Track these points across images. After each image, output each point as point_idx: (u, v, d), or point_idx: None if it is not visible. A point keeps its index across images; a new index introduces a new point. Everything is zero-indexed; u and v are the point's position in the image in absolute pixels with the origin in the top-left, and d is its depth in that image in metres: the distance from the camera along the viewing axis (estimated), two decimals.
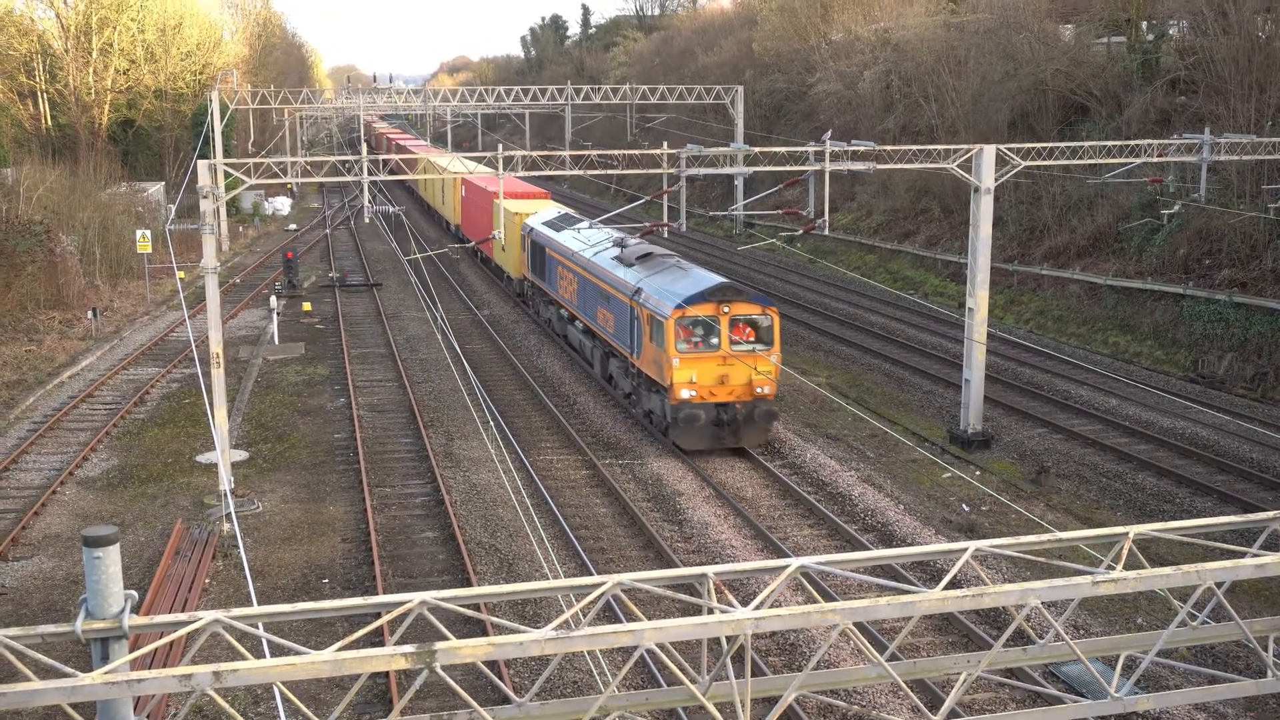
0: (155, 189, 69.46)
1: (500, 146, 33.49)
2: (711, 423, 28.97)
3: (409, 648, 6.24)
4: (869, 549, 23.83)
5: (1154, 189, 40.07)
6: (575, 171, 30.81)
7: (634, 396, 32.56)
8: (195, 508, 26.32)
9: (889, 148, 30.34)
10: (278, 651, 6.48)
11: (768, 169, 30.14)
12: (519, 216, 47.87)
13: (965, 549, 7.58)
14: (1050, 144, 32.06)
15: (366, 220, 31.36)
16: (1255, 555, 7.80)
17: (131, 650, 6.35)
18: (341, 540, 24.59)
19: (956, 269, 49.87)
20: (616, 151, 30.64)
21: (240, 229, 75.22)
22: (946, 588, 7.29)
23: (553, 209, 48.06)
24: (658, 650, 6.81)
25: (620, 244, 35.67)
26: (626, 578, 6.92)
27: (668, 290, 29.53)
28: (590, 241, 37.69)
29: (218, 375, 25.98)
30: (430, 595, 6.61)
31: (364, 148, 30.60)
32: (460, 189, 64.79)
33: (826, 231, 32.09)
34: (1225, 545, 8.16)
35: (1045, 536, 8.01)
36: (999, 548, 7.80)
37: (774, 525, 25.20)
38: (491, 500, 26.68)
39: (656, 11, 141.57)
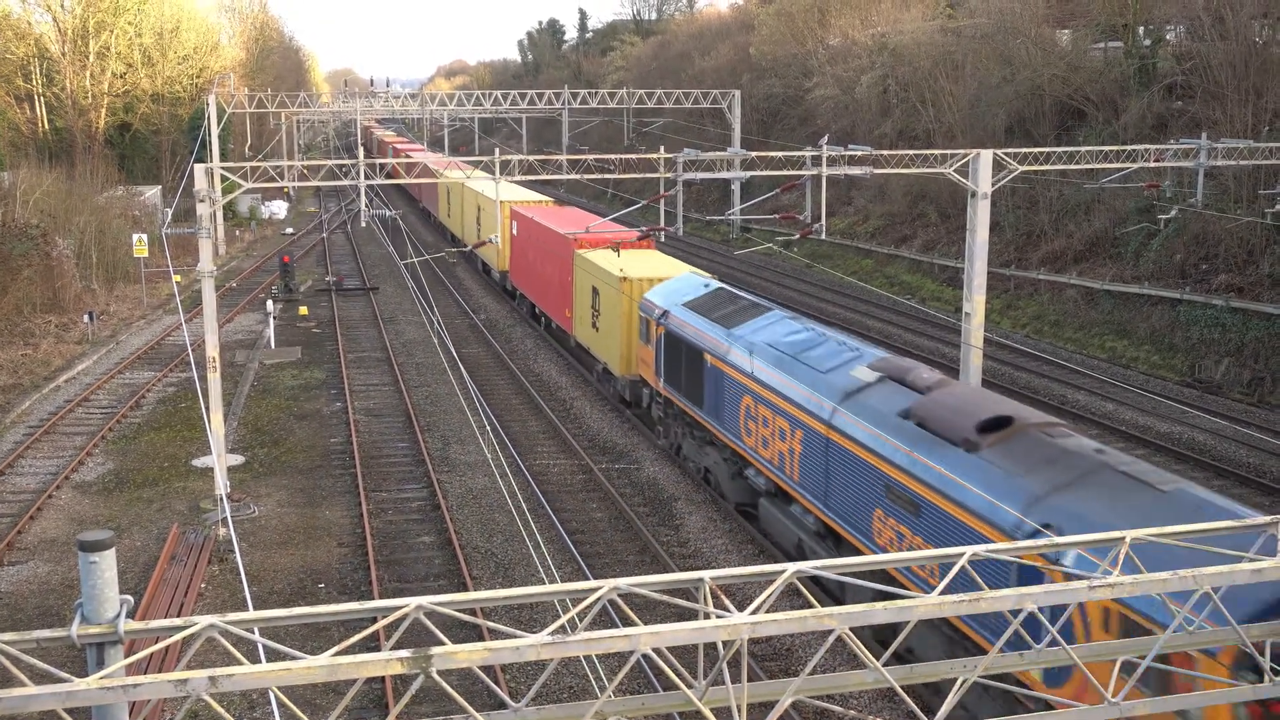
0: (152, 193, 69.47)
1: (497, 151, 33.26)
2: None
3: (405, 652, 6.22)
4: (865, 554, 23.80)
5: (1151, 194, 40.10)
6: (572, 176, 30.82)
7: None
8: (191, 512, 26.28)
9: (886, 152, 30.36)
10: (273, 656, 6.47)
11: (765, 173, 30.16)
12: (630, 284, 31.88)
13: (962, 553, 7.57)
14: (1047, 149, 32.08)
15: (363, 224, 31.32)
16: (1252, 560, 7.80)
17: (127, 655, 6.33)
18: (337, 545, 24.56)
19: (953, 274, 49.92)
20: (613, 156, 30.59)
21: (237, 233, 75.21)
22: (943, 592, 7.27)
23: (686, 274, 31.52)
24: (654, 655, 6.80)
25: (898, 378, 19.76)
26: (623, 582, 6.91)
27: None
28: (817, 363, 21.31)
29: (214, 379, 25.95)
30: (426, 600, 6.60)
31: (360, 152, 30.57)
32: (511, 225, 49.09)
33: (823, 236, 32.09)
34: (1222, 550, 8.16)
35: (1042, 541, 8.00)
36: (996, 553, 7.79)
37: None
38: (488, 505, 26.65)
39: (653, 16, 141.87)
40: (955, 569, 7.51)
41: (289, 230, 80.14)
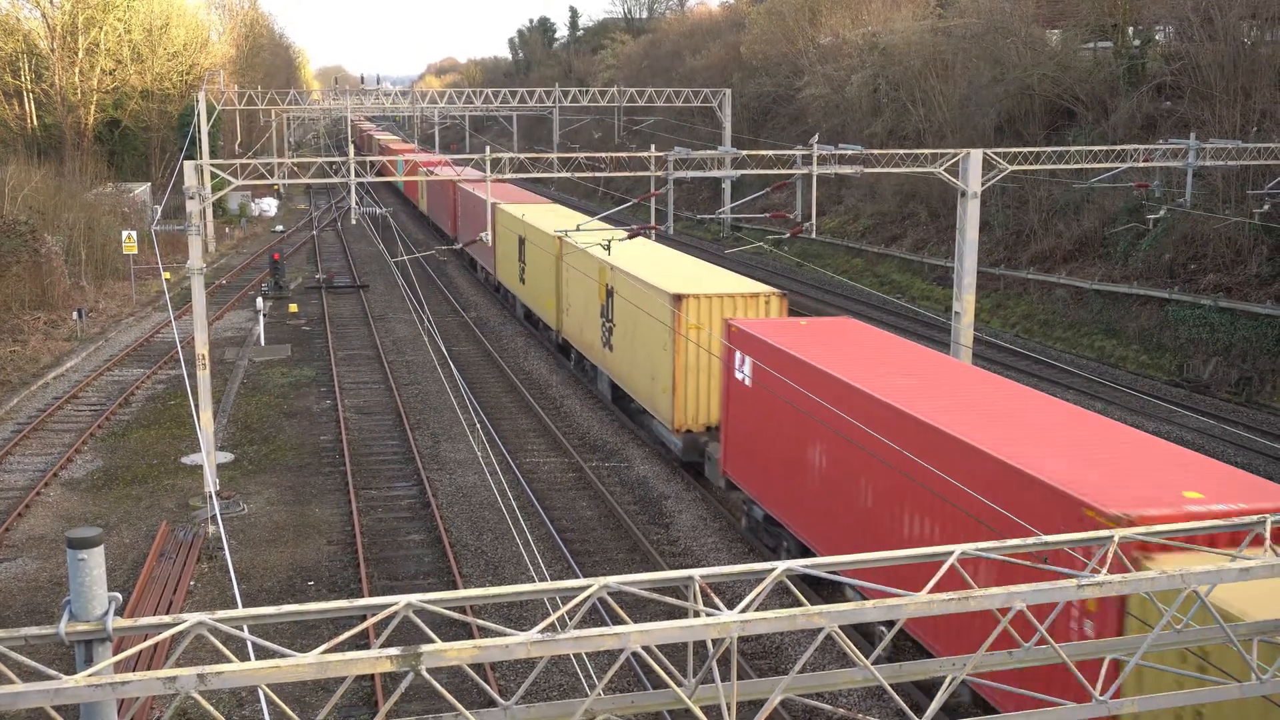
0: (141, 189, 69.27)
1: (488, 149, 33.18)
2: None
3: (394, 650, 6.21)
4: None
5: (1140, 194, 40.21)
6: (563, 174, 30.81)
7: None
8: (180, 509, 26.22)
9: (876, 151, 30.39)
10: (262, 654, 6.46)
11: (755, 172, 30.17)
12: None
13: (951, 552, 7.58)
14: (1037, 148, 32.14)
15: (353, 222, 31.27)
16: (1240, 558, 7.82)
17: (116, 652, 6.32)
18: (327, 542, 24.53)
19: (943, 273, 49.99)
20: (604, 154, 30.56)
21: (227, 230, 75.03)
22: (932, 591, 7.29)
23: None
24: (644, 653, 6.80)
25: None
26: (613, 580, 6.91)
27: None
28: None
29: (203, 377, 25.89)
30: (416, 598, 6.59)
31: (350, 149, 30.53)
32: (735, 363, 23.97)
33: (813, 235, 32.13)
34: (1210, 549, 8.19)
35: (1031, 540, 8.01)
36: (985, 551, 7.80)
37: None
38: (478, 502, 26.64)
39: (644, 14, 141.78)
40: (944, 568, 7.53)
41: (279, 227, 79.98)
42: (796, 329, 24.16)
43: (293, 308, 49.94)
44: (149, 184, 72.08)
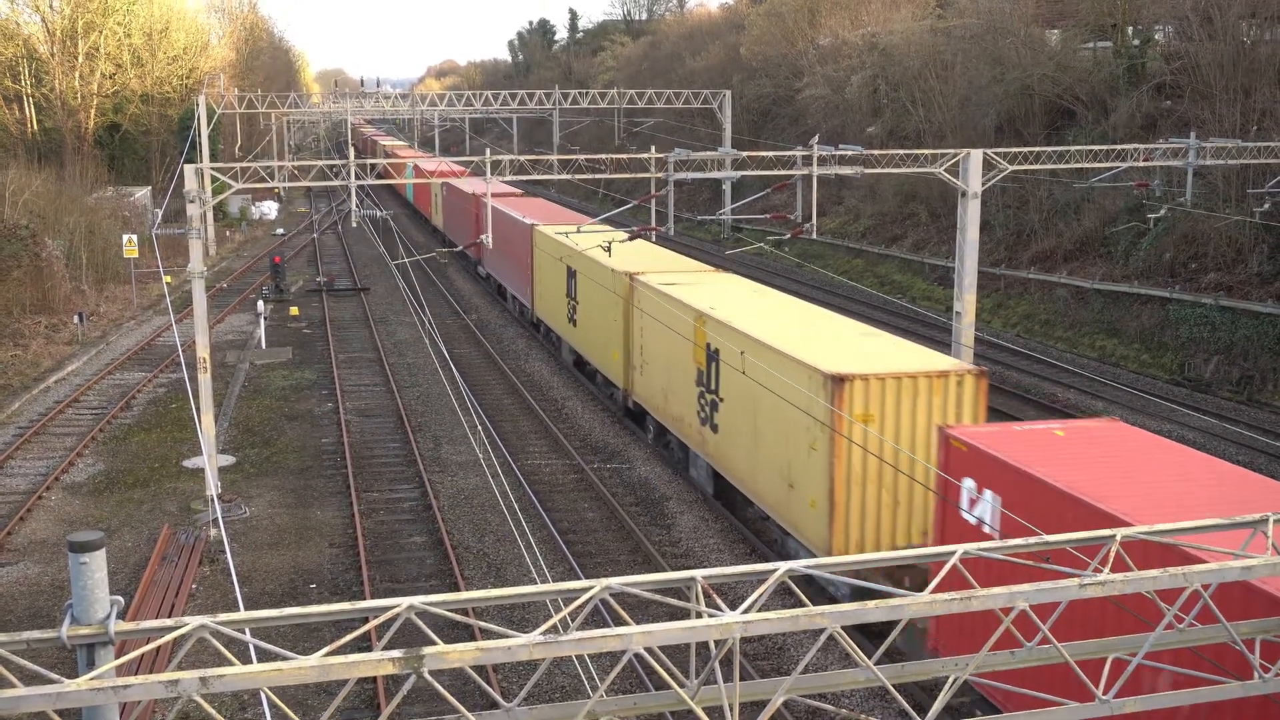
0: (142, 193, 69.31)
1: (488, 151, 33.17)
2: None
3: (396, 653, 6.21)
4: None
5: (1140, 193, 40.19)
6: (563, 176, 30.77)
7: None
8: (182, 513, 26.22)
9: (876, 152, 30.38)
10: (265, 657, 6.46)
11: (755, 173, 30.16)
12: None
13: (954, 552, 7.58)
14: (1037, 148, 32.13)
15: (354, 224, 31.26)
16: (1241, 557, 7.82)
17: (118, 656, 6.32)
18: (329, 545, 24.53)
19: (944, 273, 49.97)
20: (604, 156, 30.52)
21: (227, 233, 75.07)
22: (934, 592, 7.28)
23: None
24: (646, 655, 6.80)
25: None
26: (615, 582, 6.91)
27: None
28: None
29: (204, 380, 25.89)
30: (418, 600, 6.59)
31: (350, 152, 30.51)
32: None
33: (814, 235, 32.10)
34: (1212, 548, 8.18)
35: (1033, 539, 8.01)
36: (987, 551, 7.80)
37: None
38: (479, 505, 26.63)
39: (644, 16, 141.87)
40: (947, 567, 7.53)
41: (280, 231, 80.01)
42: (1057, 446, 15.86)
43: (294, 311, 49.95)
44: (149, 188, 72.12)
